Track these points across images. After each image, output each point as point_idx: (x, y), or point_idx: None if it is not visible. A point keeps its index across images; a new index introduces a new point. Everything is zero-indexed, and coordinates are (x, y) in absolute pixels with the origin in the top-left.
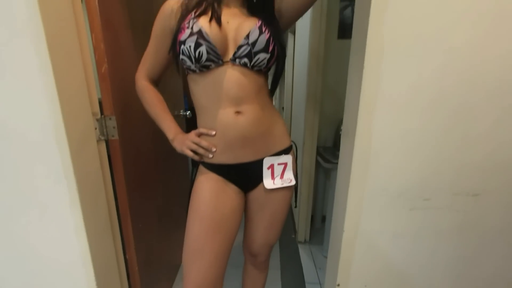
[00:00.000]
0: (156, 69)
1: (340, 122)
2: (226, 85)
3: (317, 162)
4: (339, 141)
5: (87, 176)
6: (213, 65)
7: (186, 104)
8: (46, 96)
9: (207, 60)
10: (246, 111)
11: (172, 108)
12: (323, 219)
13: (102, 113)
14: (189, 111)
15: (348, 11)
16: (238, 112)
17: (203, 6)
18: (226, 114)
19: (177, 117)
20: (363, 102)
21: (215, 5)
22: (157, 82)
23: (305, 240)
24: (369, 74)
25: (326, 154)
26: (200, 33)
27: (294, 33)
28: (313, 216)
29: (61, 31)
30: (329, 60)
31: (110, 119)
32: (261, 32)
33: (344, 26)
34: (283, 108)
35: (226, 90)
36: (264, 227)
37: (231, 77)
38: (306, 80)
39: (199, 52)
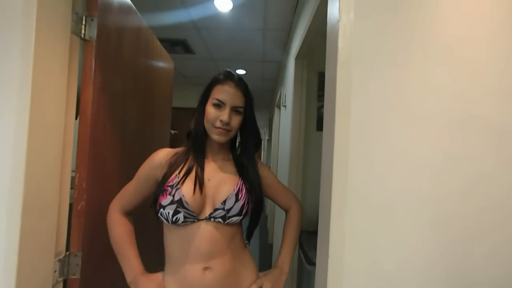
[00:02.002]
0: (132, 205)
1: None
2: (198, 241)
3: (299, 256)
4: None
5: None
6: (188, 223)
7: None
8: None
9: (183, 222)
10: (215, 266)
11: None
12: None
13: (67, 249)
14: None
15: None
16: (206, 268)
17: (186, 167)
18: (194, 270)
19: None
20: (331, 276)
21: (199, 169)
22: (131, 213)
23: None
24: (333, 255)
25: (309, 248)
26: (180, 201)
27: (279, 107)
28: None
29: (41, 181)
30: (310, 148)
31: (75, 255)
32: (237, 199)
33: (321, 121)
34: None
35: (197, 245)
36: None
37: (204, 233)
38: (288, 166)
39: (177, 217)
